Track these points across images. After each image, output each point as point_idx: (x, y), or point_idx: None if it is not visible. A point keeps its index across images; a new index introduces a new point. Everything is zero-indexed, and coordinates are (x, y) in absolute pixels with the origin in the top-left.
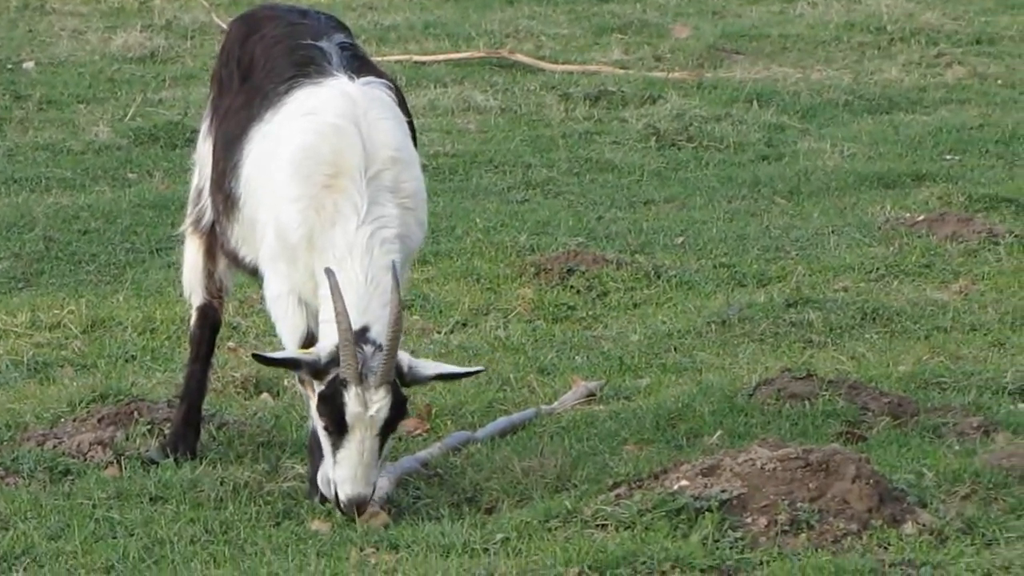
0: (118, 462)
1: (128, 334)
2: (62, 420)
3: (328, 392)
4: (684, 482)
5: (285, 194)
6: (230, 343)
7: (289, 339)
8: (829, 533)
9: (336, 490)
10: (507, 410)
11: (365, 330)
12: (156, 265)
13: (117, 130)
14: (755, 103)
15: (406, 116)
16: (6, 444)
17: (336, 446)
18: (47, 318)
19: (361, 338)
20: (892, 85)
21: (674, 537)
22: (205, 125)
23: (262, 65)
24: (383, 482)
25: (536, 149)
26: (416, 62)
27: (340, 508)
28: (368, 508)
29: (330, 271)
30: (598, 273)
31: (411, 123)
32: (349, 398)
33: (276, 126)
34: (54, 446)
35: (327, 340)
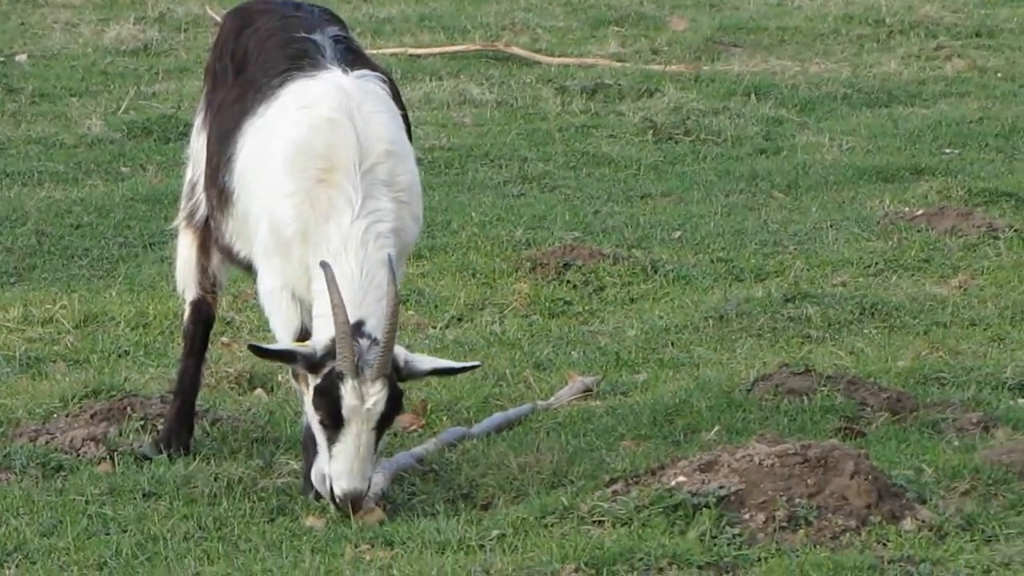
0: (111, 458)
1: (121, 329)
2: (54, 416)
3: (324, 385)
4: (681, 478)
5: (279, 188)
6: (224, 338)
7: (283, 334)
8: (827, 529)
9: (331, 485)
10: (503, 406)
11: (360, 324)
12: (149, 260)
13: (110, 123)
14: (753, 96)
15: (401, 109)
16: None
17: (332, 440)
18: (39, 313)
19: (357, 332)
20: (891, 78)
21: (671, 533)
22: (199, 119)
23: (256, 58)
24: (378, 478)
25: (532, 143)
26: (411, 55)
27: (335, 503)
28: (363, 504)
29: (326, 264)
30: (595, 268)
31: (406, 116)
32: (345, 391)
33: (270, 120)
34: (46, 442)
35: (322, 334)
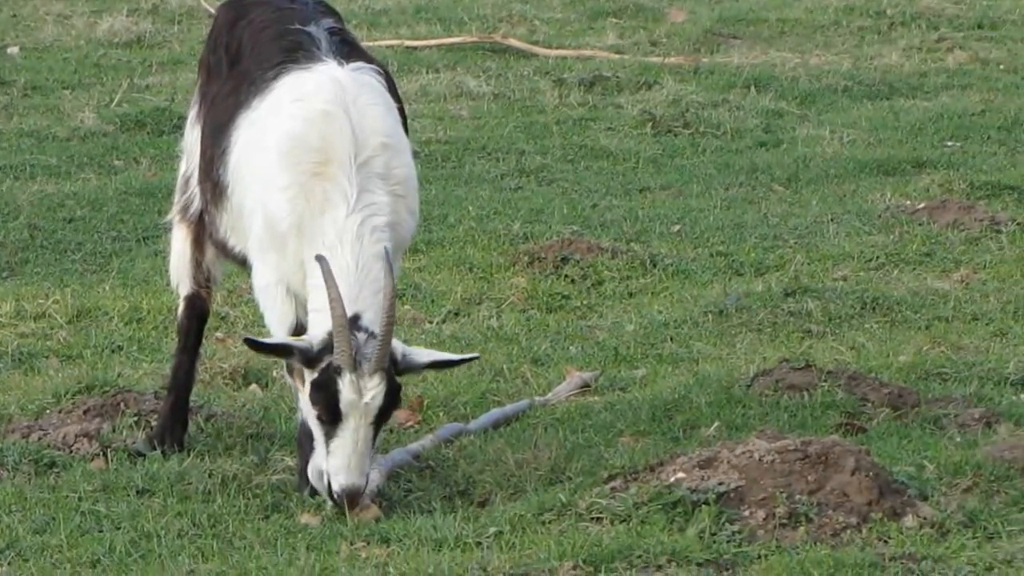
0: (104, 454)
1: (114, 324)
2: (47, 412)
3: (321, 380)
4: (681, 474)
5: (273, 182)
6: (218, 333)
7: (278, 329)
8: (828, 526)
9: (329, 480)
10: (500, 401)
11: (357, 318)
12: (143, 254)
13: (103, 116)
14: (753, 89)
15: (397, 102)
16: None
17: (329, 435)
18: (32, 308)
19: (353, 326)
20: (892, 70)
21: (670, 530)
22: (193, 112)
23: (250, 51)
24: (374, 475)
25: (530, 136)
26: (407, 47)
27: (333, 499)
28: (361, 500)
29: (322, 258)
30: (593, 262)
31: (402, 109)
32: (343, 385)
33: (264, 113)
34: (39, 438)
35: (318, 328)
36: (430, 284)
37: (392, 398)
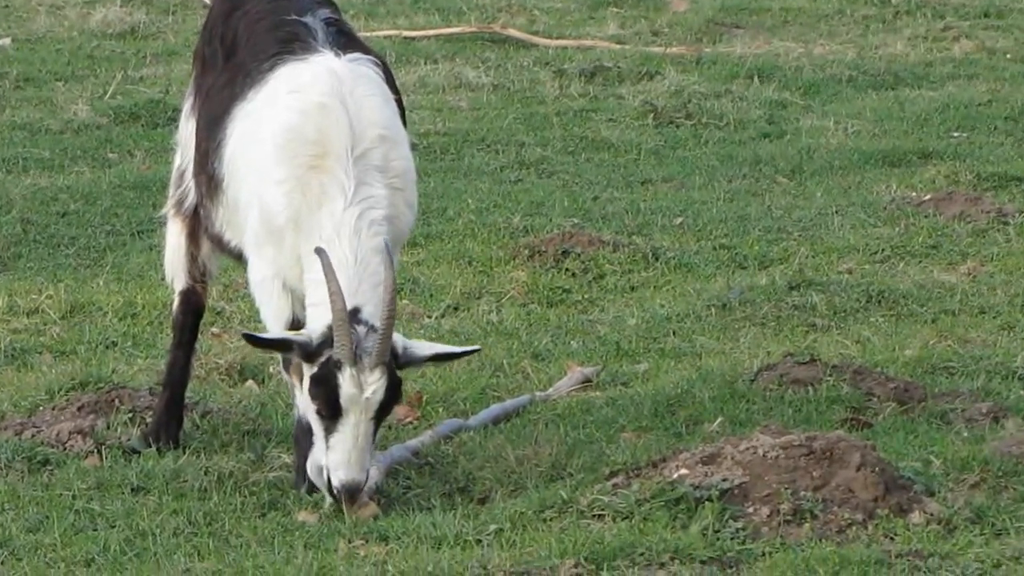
0: (98, 452)
1: (108, 319)
2: (40, 408)
3: (321, 374)
4: (683, 471)
5: (269, 175)
6: (214, 329)
7: (274, 324)
8: (833, 523)
9: (329, 476)
10: (500, 397)
11: (357, 311)
12: (137, 248)
13: (97, 108)
14: (756, 79)
15: (394, 94)
16: None
17: (329, 430)
18: (24, 303)
19: (353, 319)
20: (897, 60)
21: (673, 528)
22: (188, 104)
23: (246, 42)
24: (372, 472)
25: (530, 127)
26: (405, 38)
27: (333, 494)
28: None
29: (322, 251)
30: (594, 255)
31: (399, 101)
32: (344, 380)
33: (260, 105)
34: (32, 435)
35: (317, 322)
36: (429, 278)
37: (393, 392)
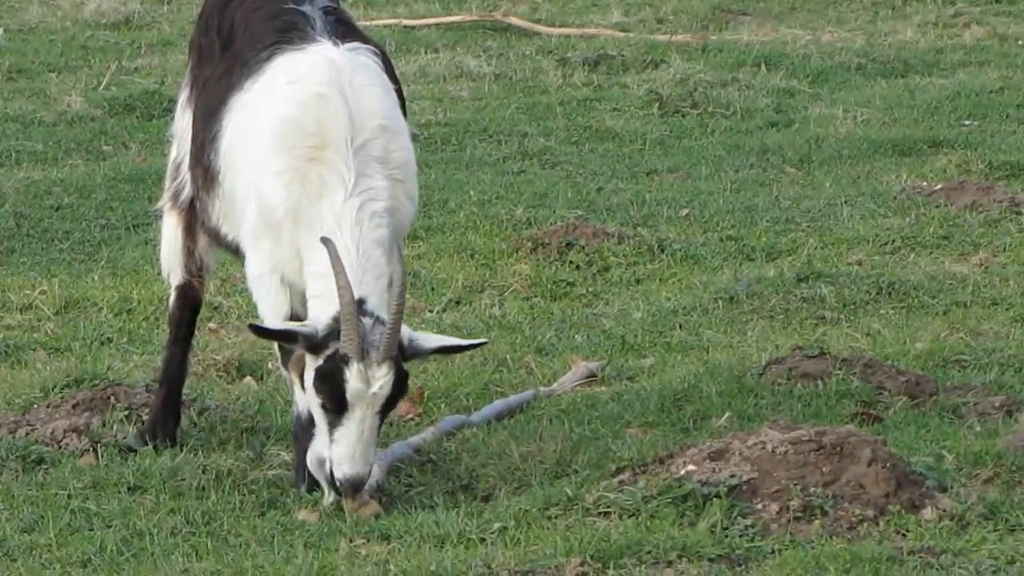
0: (94, 450)
1: (104, 315)
2: (35, 406)
3: (328, 368)
4: (691, 467)
5: (267, 167)
6: (211, 324)
7: (272, 319)
8: (844, 519)
9: (332, 469)
10: (504, 392)
11: (362, 302)
12: (133, 242)
13: (91, 100)
14: (763, 67)
15: (394, 84)
16: None
17: (333, 424)
18: (18, 299)
19: (359, 311)
20: (907, 47)
21: (681, 525)
22: (184, 95)
23: (243, 32)
24: (374, 470)
25: (532, 117)
26: (405, 26)
27: (335, 488)
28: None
29: (328, 240)
30: (598, 247)
31: (399, 91)
32: (351, 375)
33: (256, 95)
34: (27, 434)
35: (321, 313)
36: (430, 272)
37: (399, 387)
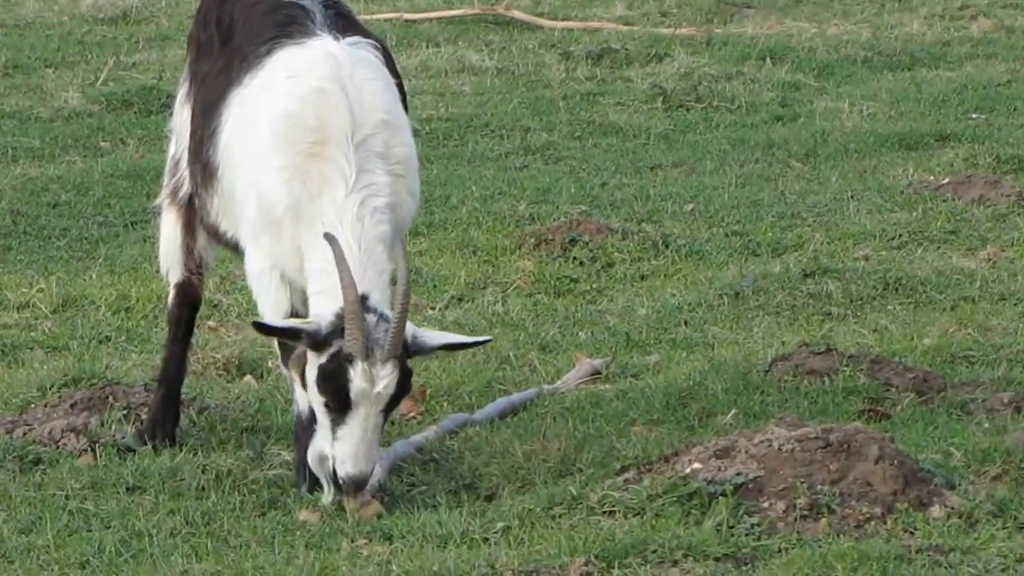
0: (92, 450)
1: (102, 313)
2: (32, 406)
3: (331, 367)
4: (696, 465)
5: (267, 163)
6: (211, 322)
7: (272, 317)
8: (851, 518)
9: (335, 467)
10: (507, 390)
11: (365, 298)
12: (131, 240)
13: (88, 96)
14: (768, 60)
15: (395, 78)
16: None
17: (336, 422)
18: (15, 297)
19: (363, 307)
20: (914, 39)
21: (686, 524)
22: (182, 91)
23: (242, 26)
24: (376, 470)
25: (535, 112)
26: (406, 20)
27: (338, 486)
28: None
29: (331, 237)
30: (602, 243)
31: (401, 85)
32: (355, 374)
33: (256, 90)
34: (24, 433)
35: (324, 309)
36: (432, 268)
37: (404, 385)
